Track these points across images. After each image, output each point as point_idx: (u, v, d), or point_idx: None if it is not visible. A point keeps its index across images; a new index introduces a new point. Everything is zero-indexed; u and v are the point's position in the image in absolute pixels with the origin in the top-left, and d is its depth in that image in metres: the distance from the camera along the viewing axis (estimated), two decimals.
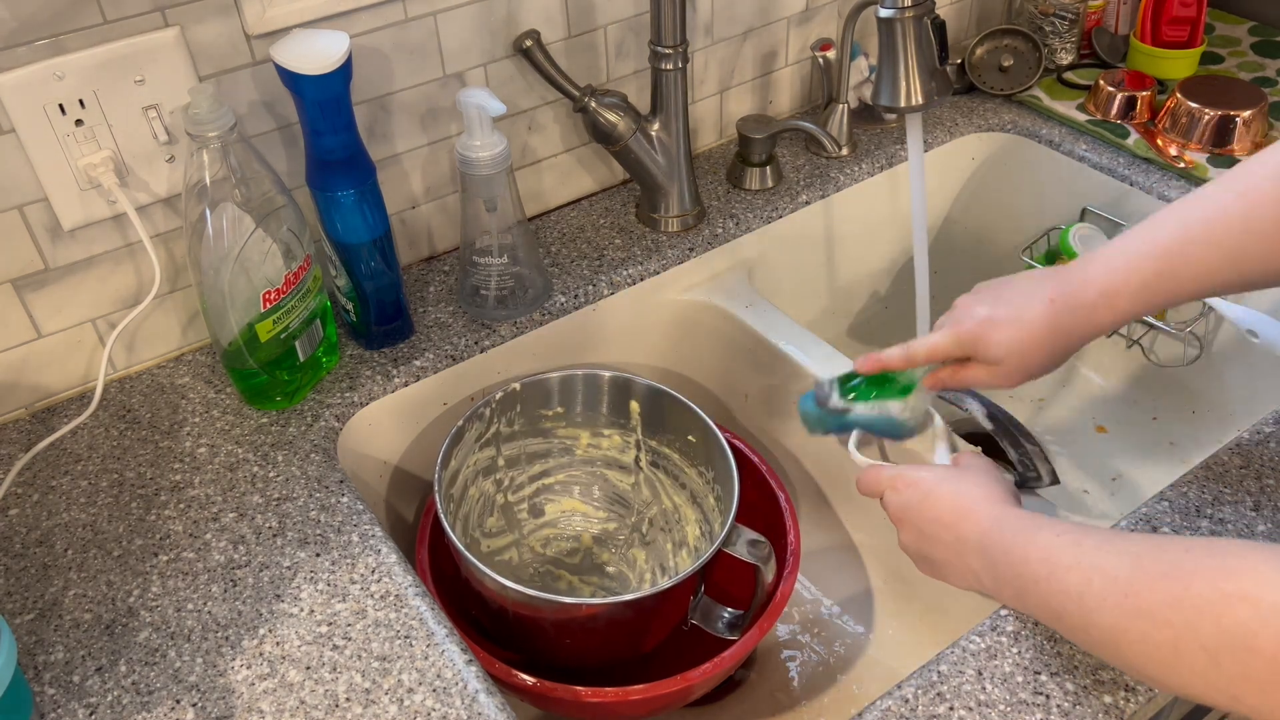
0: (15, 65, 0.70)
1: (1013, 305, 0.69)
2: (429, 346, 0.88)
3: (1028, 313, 0.68)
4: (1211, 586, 0.48)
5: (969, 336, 0.69)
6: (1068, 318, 0.67)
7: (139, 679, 0.64)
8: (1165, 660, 0.49)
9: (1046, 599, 0.56)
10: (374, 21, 0.83)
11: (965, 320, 0.70)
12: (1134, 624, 0.50)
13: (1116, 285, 0.65)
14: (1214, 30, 1.25)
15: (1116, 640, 0.52)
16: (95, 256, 0.80)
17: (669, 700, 0.73)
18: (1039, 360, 0.68)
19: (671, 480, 0.89)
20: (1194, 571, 0.49)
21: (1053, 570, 0.56)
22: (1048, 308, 0.67)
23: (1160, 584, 0.50)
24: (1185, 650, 0.48)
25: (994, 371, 0.70)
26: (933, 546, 0.66)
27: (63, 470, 0.78)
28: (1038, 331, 0.67)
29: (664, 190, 0.98)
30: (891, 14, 0.80)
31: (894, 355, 0.73)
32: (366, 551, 0.71)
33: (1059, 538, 0.57)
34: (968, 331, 0.70)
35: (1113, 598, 0.52)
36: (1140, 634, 0.50)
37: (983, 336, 0.69)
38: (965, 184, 1.19)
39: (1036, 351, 0.68)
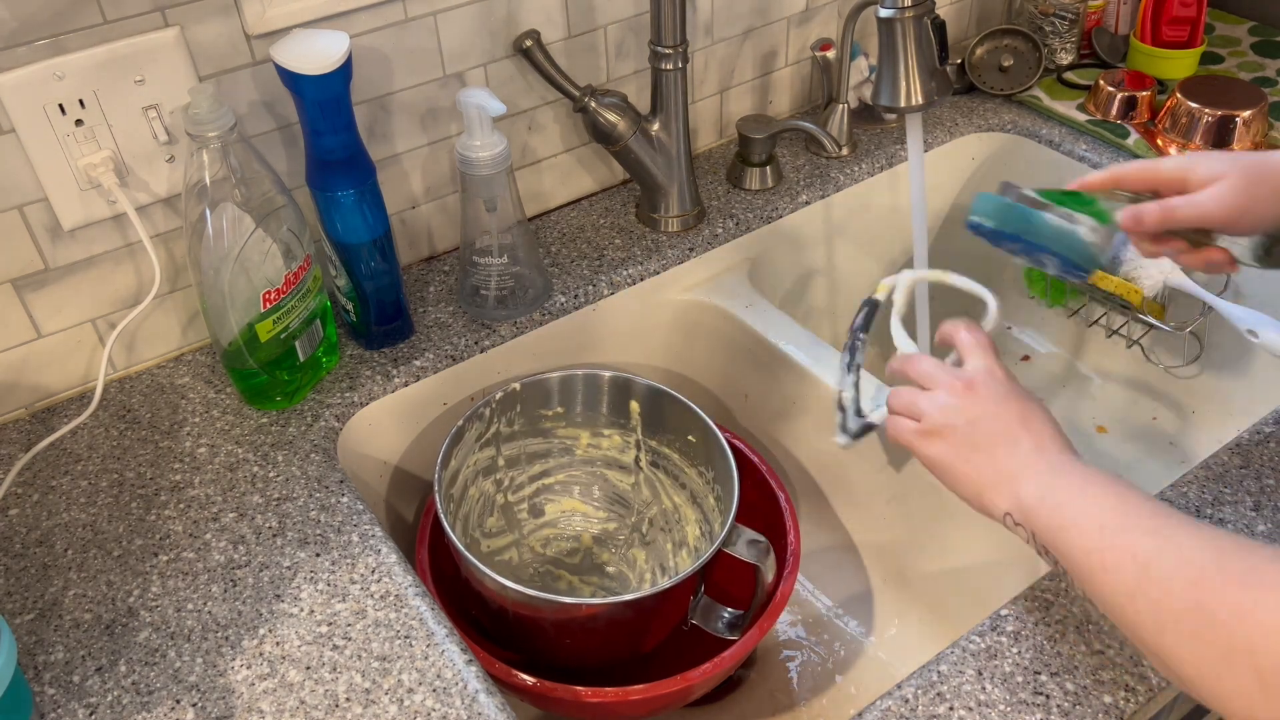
0: (15, 65, 0.70)
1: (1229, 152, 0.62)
2: (429, 346, 0.88)
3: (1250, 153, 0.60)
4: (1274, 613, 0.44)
5: (1186, 160, 0.62)
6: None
7: (139, 679, 0.64)
8: (1212, 665, 0.45)
9: (1100, 549, 0.51)
10: (374, 21, 0.83)
11: (1184, 155, 0.63)
12: (1193, 616, 0.46)
13: None
14: (1214, 30, 1.25)
15: (1164, 625, 0.47)
16: (95, 256, 0.80)
17: (669, 700, 0.73)
18: (1266, 182, 0.59)
19: (671, 480, 0.89)
20: (1271, 585, 0.45)
21: (1127, 515, 0.51)
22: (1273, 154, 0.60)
23: (1235, 588, 0.45)
24: (1237, 666, 0.44)
25: (1213, 194, 0.60)
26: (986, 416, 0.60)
27: (63, 470, 0.78)
28: (1268, 159, 0.60)
29: (664, 190, 0.98)
30: (891, 14, 0.80)
31: (1100, 176, 0.65)
32: (366, 551, 0.71)
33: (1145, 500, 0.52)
34: (1185, 159, 0.62)
35: (1180, 579, 0.47)
36: (1195, 629, 0.46)
37: (1198, 160, 0.61)
38: (965, 184, 1.19)
39: (1265, 166, 0.59)
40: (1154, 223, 0.63)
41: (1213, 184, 0.61)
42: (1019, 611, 0.66)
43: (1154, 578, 0.48)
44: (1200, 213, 0.61)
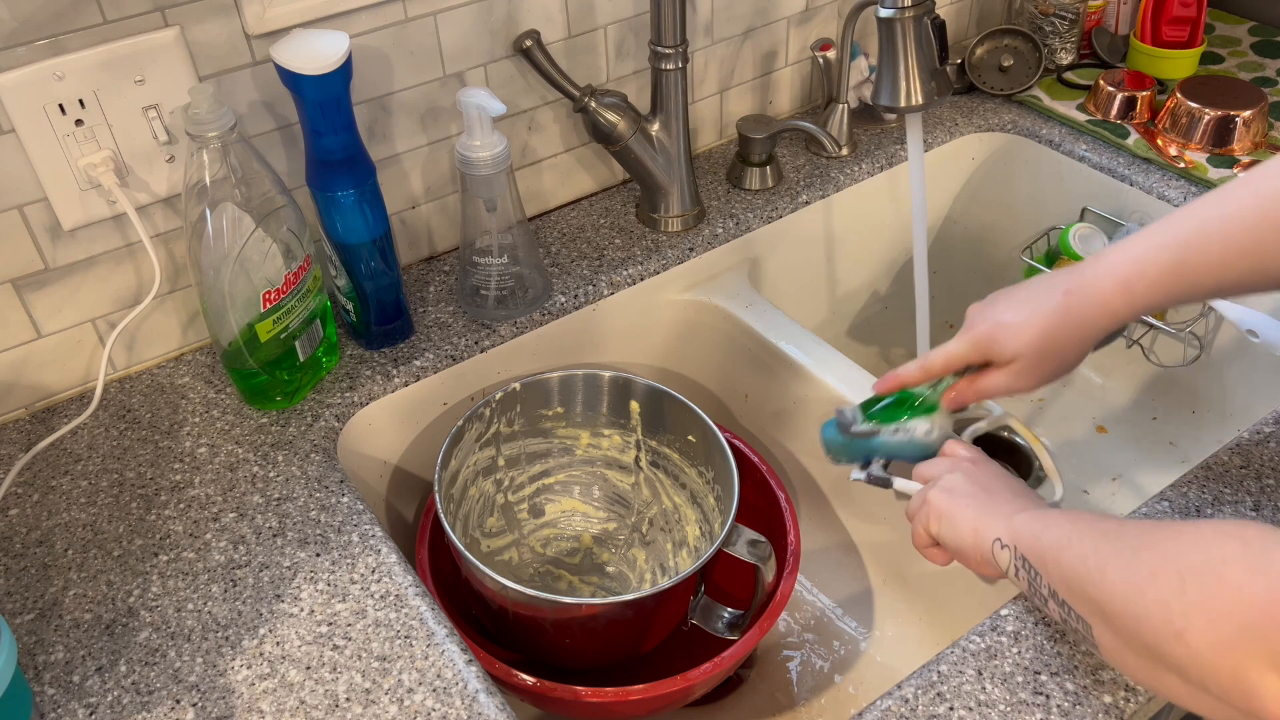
0: (15, 65, 0.70)
1: (1027, 302, 0.68)
2: (429, 346, 0.88)
3: (1042, 306, 0.67)
4: (1216, 529, 0.48)
5: (983, 337, 0.69)
6: (1081, 309, 0.66)
7: (139, 679, 0.64)
8: (1140, 583, 0.49)
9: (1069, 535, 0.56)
10: (374, 21, 0.83)
11: (978, 323, 0.70)
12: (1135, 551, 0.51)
13: (1133, 274, 0.65)
14: (1214, 30, 1.25)
15: (1107, 564, 0.52)
16: (95, 256, 0.80)
17: (669, 700, 0.73)
18: (1056, 353, 0.67)
19: (671, 480, 0.89)
20: (1199, 525, 0.49)
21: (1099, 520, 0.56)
22: (1062, 299, 0.66)
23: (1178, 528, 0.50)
24: (1162, 574, 0.48)
25: (1010, 372, 0.69)
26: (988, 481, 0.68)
27: (63, 470, 0.78)
28: (1052, 322, 0.66)
29: (664, 190, 0.98)
30: (891, 14, 0.80)
31: (910, 371, 0.73)
32: (366, 551, 0.71)
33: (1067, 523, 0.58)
34: (981, 333, 0.69)
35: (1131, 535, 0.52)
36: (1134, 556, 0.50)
37: (996, 335, 0.68)
38: (965, 184, 1.19)
39: (1052, 344, 0.67)
40: (973, 401, 0.73)
41: (1012, 363, 0.69)
42: (1019, 611, 0.66)
43: (1109, 539, 0.53)
44: (1005, 389, 0.71)
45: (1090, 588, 0.53)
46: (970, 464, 0.70)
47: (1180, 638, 0.46)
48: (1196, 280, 0.63)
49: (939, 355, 0.71)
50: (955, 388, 0.72)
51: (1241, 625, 0.44)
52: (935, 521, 0.68)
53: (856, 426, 0.74)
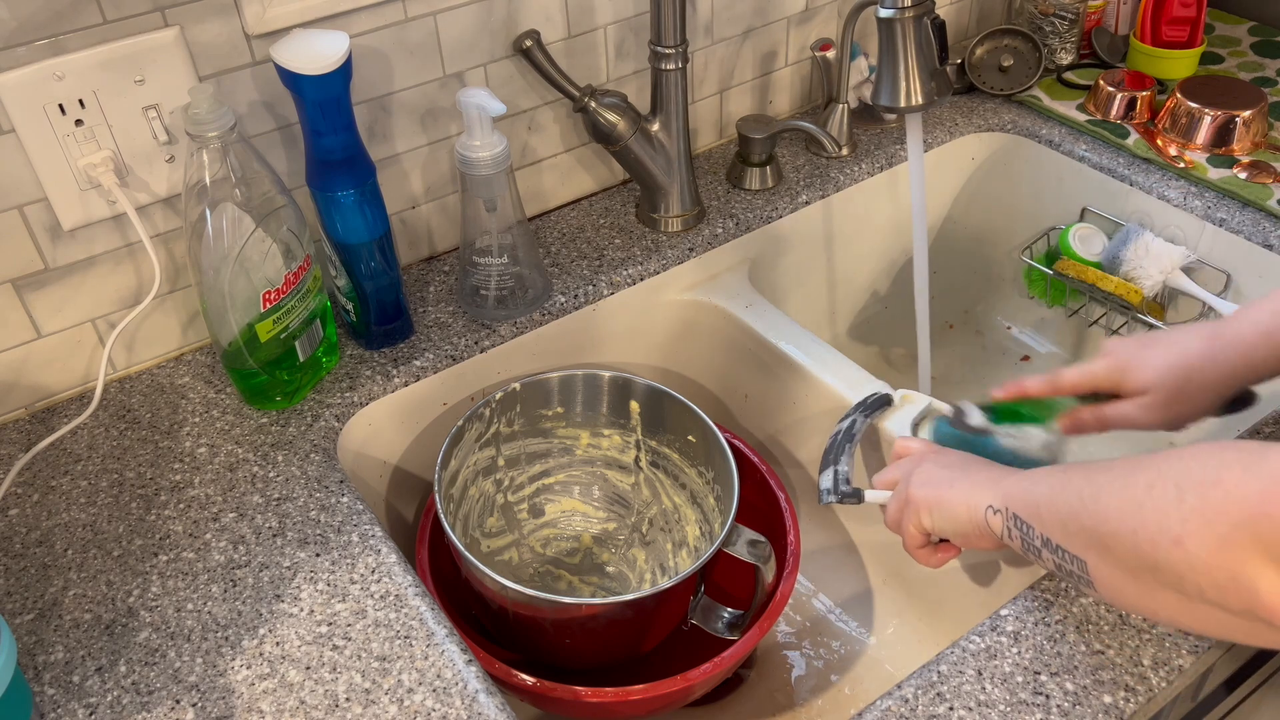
0: (15, 65, 0.70)
1: (1166, 340, 0.68)
2: (429, 346, 0.88)
3: (1185, 345, 0.67)
4: (1209, 444, 0.49)
5: (1120, 364, 0.68)
6: (1224, 352, 0.65)
7: (139, 679, 0.64)
8: (1136, 499, 0.50)
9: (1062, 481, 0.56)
10: (374, 21, 0.83)
11: (1116, 352, 0.69)
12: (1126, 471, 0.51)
13: (1275, 325, 0.65)
14: (1214, 30, 1.25)
15: (1100, 490, 0.52)
16: (95, 256, 0.80)
17: (669, 700, 0.73)
18: (1191, 394, 0.66)
19: (671, 480, 0.89)
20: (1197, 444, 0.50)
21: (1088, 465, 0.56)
22: (1206, 341, 0.66)
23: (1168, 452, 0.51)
24: (1159, 486, 0.49)
25: (1140, 404, 0.67)
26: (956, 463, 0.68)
27: (63, 470, 0.78)
28: (1189, 358, 0.66)
29: (664, 190, 0.98)
30: (891, 14, 0.80)
31: (1036, 382, 0.72)
32: (366, 551, 0.71)
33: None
34: (1118, 360, 0.68)
35: (1122, 467, 0.52)
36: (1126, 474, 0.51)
37: (1133, 363, 0.68)
38: (965, 184, 1.19)
39: (1189, 383, 0.66)
40: (1092, 430, 0.72)
41: (1142, 396, 0.68)
42: (1019, 611, 0.66)
43: (1101, 471, 0.54)
44: (1130, 423, 0.70)
45: (1085, 517, 0.54)
46: (933, 454, 0.70)
47: (1179, 543, 0.47)
48: None
49: (1073, 372, 0.70)
50: (1077, 412, 0.71)
51: (1237, 522, 0.45)
52: (926, 515, 0.67)
53: (972, 420, 0.72)
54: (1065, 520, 0.56)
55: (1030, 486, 0.60)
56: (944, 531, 0.67)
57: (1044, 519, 0.57)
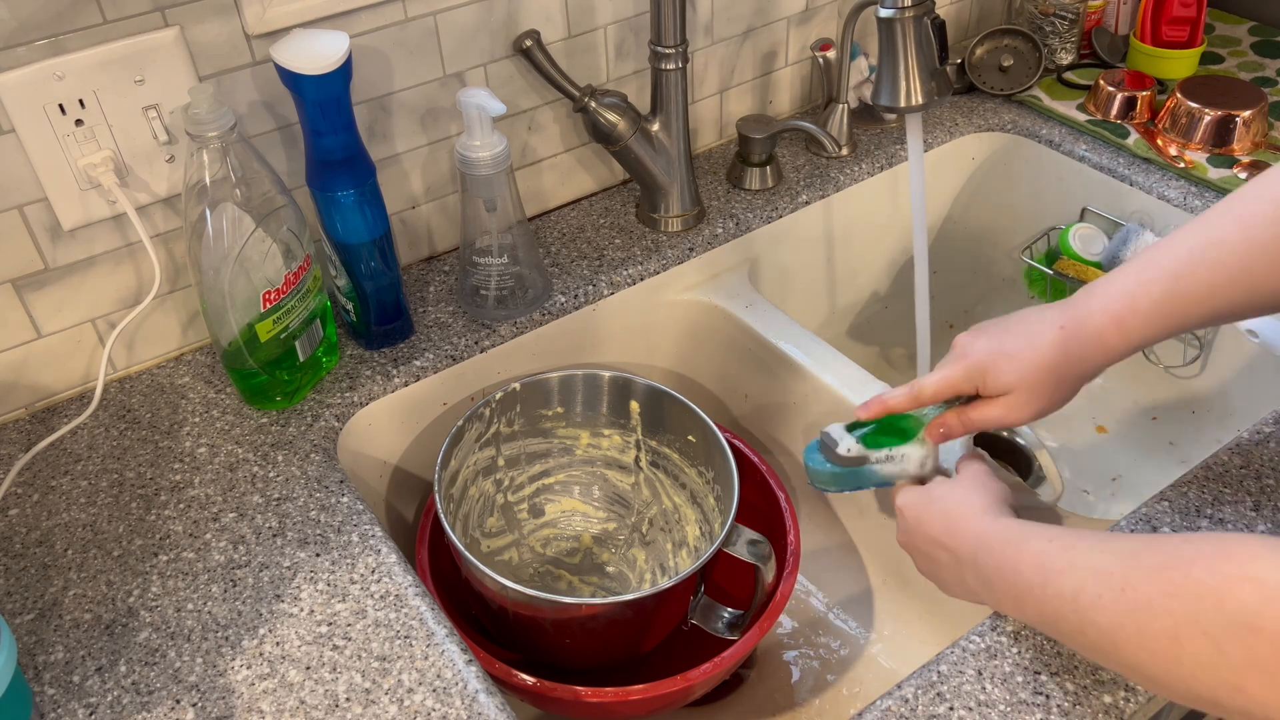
0: (15, 65, 0.70)
1: (1021, 335, 0.67)
2: (429, 346, 0.88)
3: (1037, 339, 0.66)
4: (1212, 571, 0.46)
5: (977, 367, 0.67)
6: (1078, 345, 0.65)
7: (139, 679, 0.64)
8: (1165, 652, 0.48)
9: (1041, 606, 0.55)
10: (374, 21, 0.83)
11: (971, 353, 0.68)
12: (1131, 619, 0.49)
13: (1124, 310, 0.64)
14: (1214, 30, 1.25)
15: (1114, 639, 0.50)
16: (95, 256, 0.80)
17: (669, 700, 0.73)
18: (1050, 389, 0.66)
19: (671, 480, 0.89)
20: (1193, 559, 0.48)
21: (1046, 577, 0.55)
22: (1058, 334, 0.65)
23: (1158, 575, 0.49)
24: (1186, 639, 0.46)
25: (1003, 404, 0.67)
26: (935, 567, 0.66)
27: (63, 470, 0.78)
28: (1048, 357, 0.65)
29: (664, 190, 0.98)
30: (891, 14, 0.80)
31: (898, 396, 0.71)
32: (366, 551, 0.71)
33: (1050, 544, 0.56)
34: (975, 362, 0.67)
35: (1108, 595, 0.50)
36: (1138, 628, 0.49)
37: (991, 366, 0.67)
38: (965, 184, 1.19)
39: (1048, 379, 0.66)
40: (960, 433, 0.70)
41: (1004, 395, 0.67)
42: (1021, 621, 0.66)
43: (1086, 605, 0.52)
44: (997, 422, 0.68)
45: (1108, 661, 0.52)
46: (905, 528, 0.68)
47: (1241, 690, 0.45)
48: (1189, 310, 0.63)
49: (931, 381, 0.69)
50: (943, 419, 0.70)
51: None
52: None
53: (843, 450, 0.70)
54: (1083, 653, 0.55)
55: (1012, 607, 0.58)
56: None
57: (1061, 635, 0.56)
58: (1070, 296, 0.68)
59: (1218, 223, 0.63)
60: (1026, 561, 0.57)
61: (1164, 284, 0.63)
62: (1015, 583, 0.57)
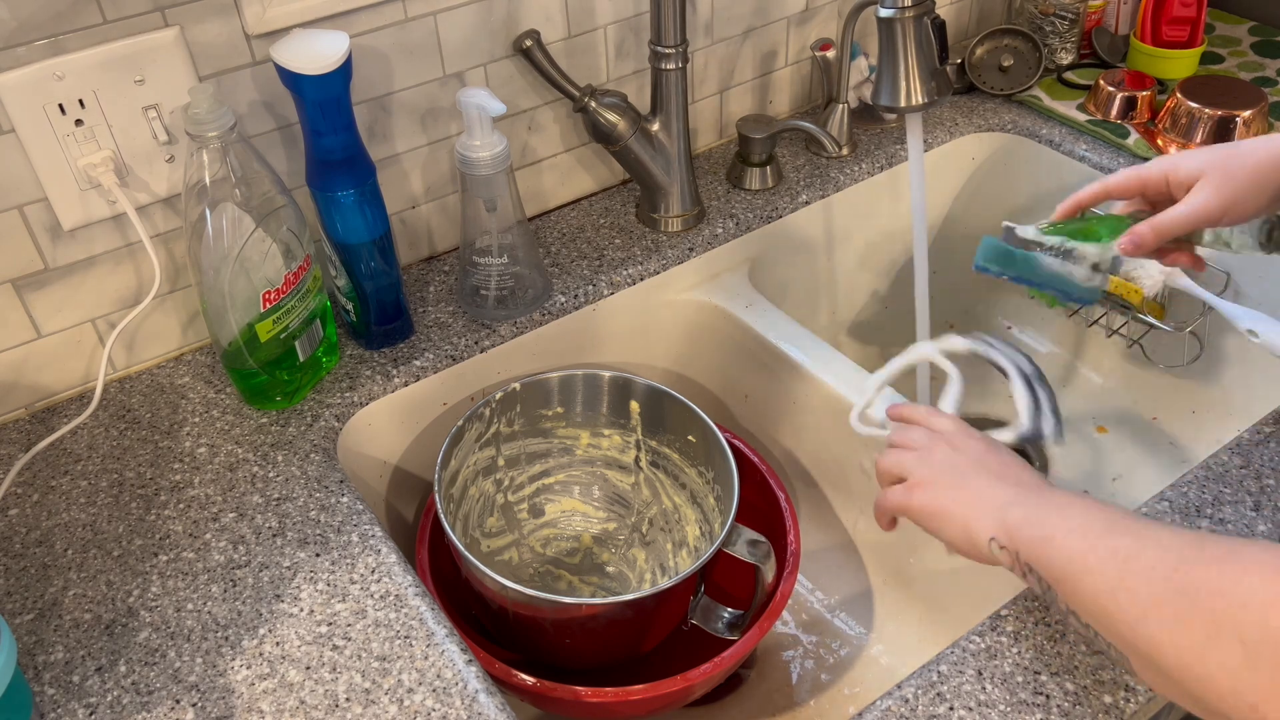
0: (15, 65, 0.70)
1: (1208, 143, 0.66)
2: (429, 346, 0.88)
3: (1228, 142, 0.64)
4: (1267, 581, 0.44)
5: (1168, 160, 0.66)
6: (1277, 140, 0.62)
7: (139, 679, 0.64)
8: (1193, 645, 0.46)
9: (1083, 552, 0.52)
10: (374, 21, 0.83)
11: (1166, 155, 0.68)
12: (1175, 600, 0.47)
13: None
14: (1214, 30, 1.25)
15: (1147, 613, 0.48)
16: (95, 256, 0.80)
17: (669, 700, 0.73)
18: (1246, 175, 0.62)
19: (671, 480, 0.89)
20: (1251, 563, 0.46)
21: (1109, 526, 0.52)
22: (1255, 137, 0.63)
23: (1214, 566, 0.47)
24: (1221, 639, 0.45)
25: (1196, 192, 0.63)
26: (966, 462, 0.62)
27: (63, 470, 0.78)
28: (1244, 146, 0.62)
29: (664, 190, 0.98)
30: (891, 14, 0.80)
31: (1089, 189, 0.69)
32: (366, 551, 0.71)
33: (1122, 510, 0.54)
34: (1167, 158, 0.66)
35: (1162, 568, 0.48)
36: (1177, 612, 0.47)
37: (1179, 159, 0.65)
38: (965, 184, 1.19)
39: (1244, 164, 0.62)
40: (1151, 243, 0.67)
41: (1192, 188, 0.64)
42: (1019, 611, 0.66)
43: (1136, 570, 0.50)
44: (1187, 221, 0.65)
45: (1126, 631, 0.50)
46: (946, 441, 0.65)
47: (1255, 709, 0.44)
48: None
49: (1119, 173, 0.68)
50: (1134, 229, 0.67)
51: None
52: (923, 520, 0.63)
53: (1021, 232, 0.68)
54: (1098, 616, 0.52)
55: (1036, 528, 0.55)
56: (941, 541, 0.63)
57: (1066, 591, 0.53)
58: None
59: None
60: (1093, 503, 0.54)
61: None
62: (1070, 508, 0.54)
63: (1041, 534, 0.55)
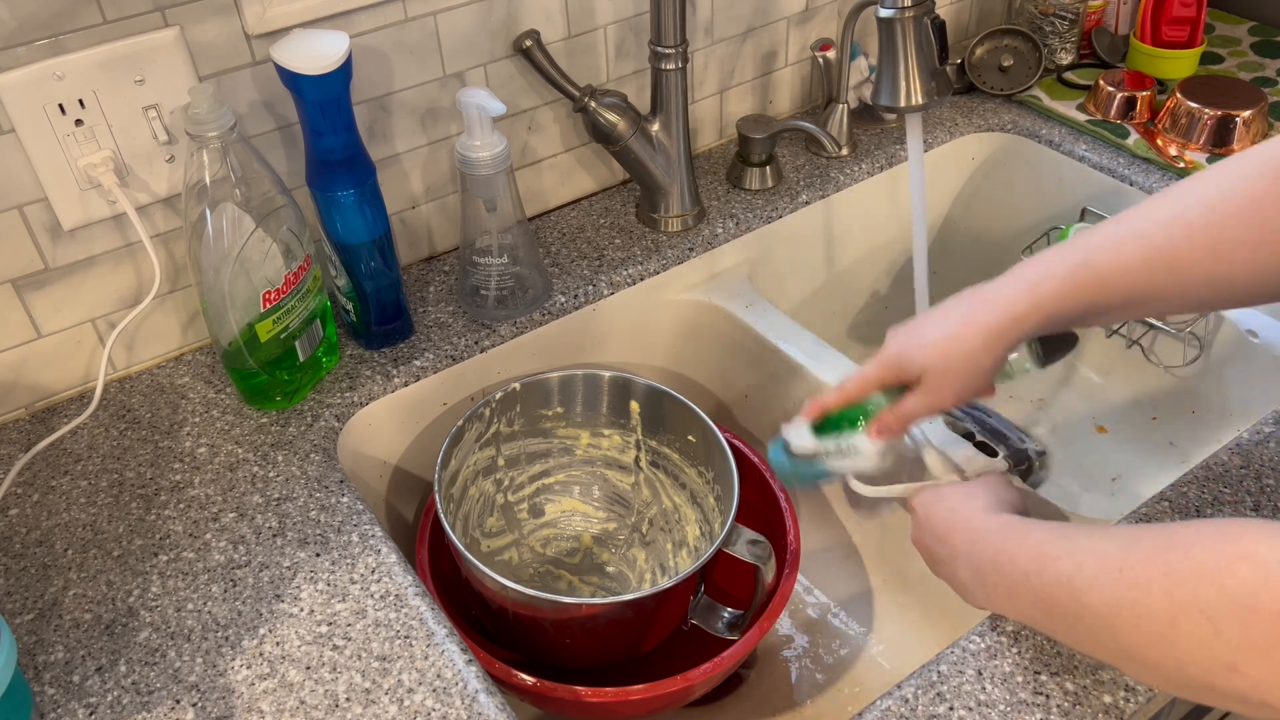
0: (15, 65, 0.70)
1: (937, 318, 0.66)
2: (429, 346, 0.88)
3: (942, 316, 0.65)
4: (1211, 551, 0.46)
5: (891, 356, 0.67)
6: (984, 314, 0.63)
7: (139, 679, 0.64)
8: (1162, 633, 0.47)
9: (1037, 592, 0.54)
10: (374, 21, 0.83)
11: (888, 344, 0.68)
12: (1129, 597, 0.48)
13: (1038, 276, 0.63)
14: (1214, 30, 1.25)
15: (1110, 621, 0.49)
16: (95, 256, 0.80)
17: (669, 700, 0.73)
18: (962, 364, 0.64)
19: (671, 480, 0.89)
20: (1192, 541, 0.47)
21: (1042, 563, 0.54)
22: (967, 307, 0.64)
23: (1157, 556, 0.48)
24: (1183, 619, 0.46)
25: (924, 390, 0.66)
26: (936, 564, 0.65)
27: (63, 470, 0.78)
28: (956, 330, 0.64)
29: (664, 190, 0.98)
30: (891, 14, 0.80)
31: (830, 394, 0.70)
32: (366, 551, 0.71)
33: (1049, 534, 0.56)
34: (890, 352, 0.67)
35: (1107, 574, 0.50)
36: (1135, 608, 0.48)
37: (902, 351, 0.66)
38: (965, 184, 1.19)
39: (956, 354, 0.64)
40: (899, 430, 0.69)
41: (922, 380, 0.66)
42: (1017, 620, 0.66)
43: (1083, 589, 0.51)
44: (923, 409, 0.67)
45: (1106, 645, 0.51)
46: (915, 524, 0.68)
47: (1235, 670, 0.45)
48: (1105, 283, 0.61)
49: (853, 378, 0.69)
50: (880, 416, 0.68)
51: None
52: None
53: (795, 442, 0.70)
54: (1079, 643, 0.53)
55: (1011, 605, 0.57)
56: None
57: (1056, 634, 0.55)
58: None
59: (1141, 208, 0.61)
60: (1023, 553, 0.56)
61: (1080, 254, 0.61)
62: (1009, 573, 0.56)
63: (1005, 597, 0.58)
